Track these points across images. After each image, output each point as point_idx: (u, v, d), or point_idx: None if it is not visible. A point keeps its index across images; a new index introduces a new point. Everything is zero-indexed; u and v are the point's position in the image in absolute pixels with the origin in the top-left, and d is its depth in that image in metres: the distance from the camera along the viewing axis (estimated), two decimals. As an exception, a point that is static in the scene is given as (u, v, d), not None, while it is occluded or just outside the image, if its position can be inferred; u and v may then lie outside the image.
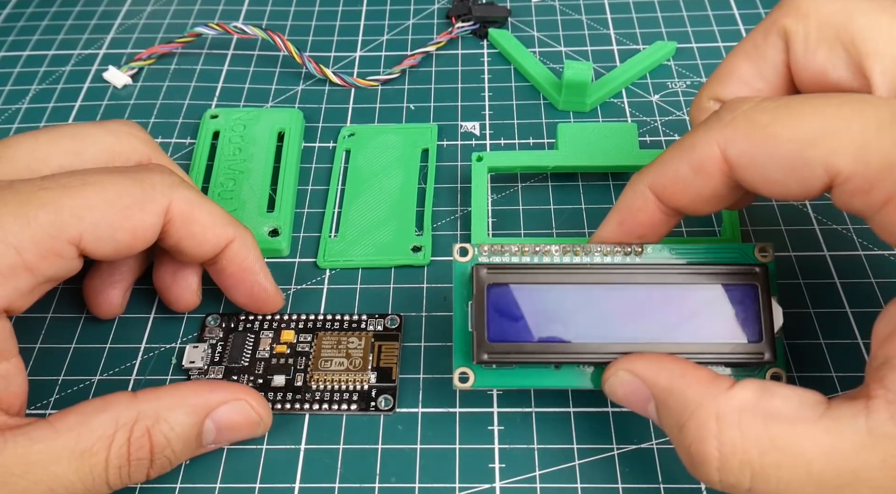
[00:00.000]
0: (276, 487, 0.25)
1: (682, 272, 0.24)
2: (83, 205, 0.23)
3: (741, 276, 0.24)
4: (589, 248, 0.25)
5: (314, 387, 0.27)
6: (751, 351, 0.23)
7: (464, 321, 0.25)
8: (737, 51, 0.25)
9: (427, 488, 0.25)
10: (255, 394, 0.25)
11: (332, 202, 0.33)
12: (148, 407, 0.22)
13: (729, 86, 0.25)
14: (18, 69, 0.41)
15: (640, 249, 0.25)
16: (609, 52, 0.40)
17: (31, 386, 0.28)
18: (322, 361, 0.27)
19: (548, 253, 0.25)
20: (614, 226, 0.25)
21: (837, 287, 0.30)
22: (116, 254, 0.24)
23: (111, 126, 0.27)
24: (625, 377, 0.22)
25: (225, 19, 0.44)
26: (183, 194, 0.25)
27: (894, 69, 0.21)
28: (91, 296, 0.29)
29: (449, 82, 0.39)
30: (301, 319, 0.29)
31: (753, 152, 0.20)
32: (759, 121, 0.20)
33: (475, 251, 0.25)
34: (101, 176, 0.24)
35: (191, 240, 0.26)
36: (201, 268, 0.29)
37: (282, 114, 0.36)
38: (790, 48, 0.23)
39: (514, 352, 0.24)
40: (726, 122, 0.21)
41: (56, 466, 0.21)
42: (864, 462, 0.18)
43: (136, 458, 0.22)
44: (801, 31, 0.22)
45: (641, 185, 0.23)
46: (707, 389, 0.20)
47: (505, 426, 0.26)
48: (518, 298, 0.24)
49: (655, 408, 0.22)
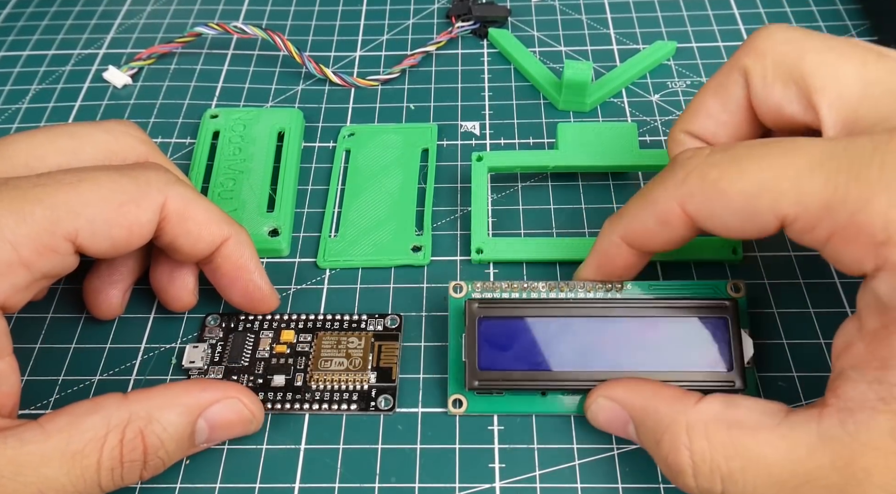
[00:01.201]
0: (276, 487, 0.25)
1: (659, 306, 0.26)
2: (79, 201, 0.23)
3: (713, 310, 0.26)
4: (573, 285, 0.28)
5: (314, 387, 0.27)
6: (722, 379, 0.25)
7: (458, 351, 0.27)
8: (705, 88, 0.27)
9: (427, 488, 0.25)
10: (246, 392, 0.25)
11: (331, 202, 0.33)
12: (139, 408, 0.22)
13: (698, 120, 0.26)
14: (18, 69, 0.41)
15: (620, 285, 0.27)
16: (609, 52, 0.40)
17: (31, 385, 0.28)
18: (322, 361, 0.27)
19: (535, 290, 0.28)
20: (594, 269, 0.27)
21: (811, 316, 0.30)
22: (113, 251, 0.24)
23: (109, 125, 0.27)
24: (604, 403, 0.24)
25: (225, 19, 0.44)
26: (178, 191, 0.25)
27: (838, 103, 0.22)
28: (91, 297, 0.29)
29: (449, 82, 0.39)
30: (301, 319, 0.29)
31: (709, 206, 0.22)
32: (710, 176, 0.22)
33: (468, 288, 0.28)
34: (97, 173, 0.24)
35: (186, 237, 0.26)
36: (198, 268, 0.29)
37: (282, 113, 0.36)
38: (750, 85, 0.25)
39: (502, 380, 0.26)
40: (681, 180, 0.23)
41: (46, 468, 0.21)
42: (817, 464, 0.19)
43: (129, 460, 0.22)
44: (759, 69, 0.24)
45: (614, 236, 0.26)
46: (677, 405, 0.22)
47: (505, 426, 0.26)
48: (507, 330, 0.26)
49: (634, 429, 0.24)
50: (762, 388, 0.27)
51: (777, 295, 0.29)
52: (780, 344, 0.28)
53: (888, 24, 0.39)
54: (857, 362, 0.20)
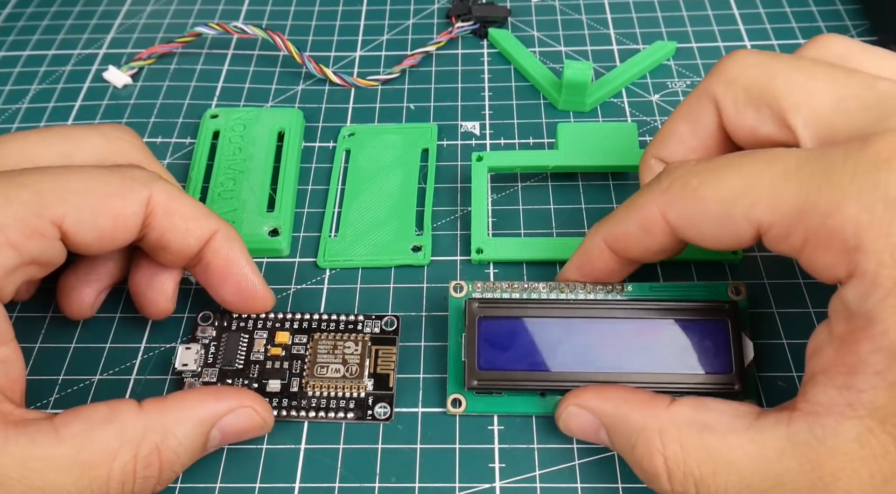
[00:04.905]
0: (276, 487, 0.25)
1: (658, 308, 0.26)
2: (65, 188, 0.23)
3: (713, 312, 0.26)
4: (573, 286, 0.27)
5: (310, 394, 0.27)
6: (722, 382, 0.25)
7: (458, 351, 0.27)
8: (675, 114, 0.27)
9: (427, 488, 0.25)
10: (258, 399, 0.25)
11: (332, 202, 0.33)
12: (154, 422, 0.22)
13: (669, 146, 0.27)
14: (18, 69, 0.41)
15: (621, 287, 0.27)
16: (609, 52, 0.40)
17: (32, 385, 0.28)
18: (318, 367, 0.27)
19: (535, 290, 0.27)
20: (575, 270, 0.28)
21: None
22: (98, 243, 0.24)
23: (104, 129, 0.27)
24: (574, 411, 0.24)
25: (225, 19, 0.44)
26: (163, 186, 0.25)
27: (813, 119, 0.22)
28: (63, 294, 0.28)
29: (449, 82, 0.39)
30: (296, 319, 0.28)
31: (688, 214, 0.23)
32: (690, 184, 0.23)
33: (469, 288, 0.28)
34: (83, 167, 0.24)
35: (174, 232, 0.25)
36: (179, 275, 0.28)
37: (282, 113, 0.36)
38: (722, 112, 0.25)
39: (501, 380, 0.26)
40: (664, 188, 0.23)
41: (55, 475, 0.20)
42: (786, 467, 0.20)
43: (144, 476, 0.22)
44: (729, 96, 0.25)
45: (597, 238, 0.26)
46: (649, 409, 0.23)
47: (505, 426, 0.26)
48: (507, 330, 0.26)
49: (607, 435, 0.24)
50: (762, 388, 0.27)
51: (777, 295, 0.29)
52: (780, 344, 0.28)
53: (888, 24, 0.39)
54: (826, 367, 0.20)
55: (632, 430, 0.22)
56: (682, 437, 0.21)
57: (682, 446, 0.21)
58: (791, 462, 0.20)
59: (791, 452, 0.20)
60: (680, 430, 0.22)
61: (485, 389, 0.26)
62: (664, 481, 0.21)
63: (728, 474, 0.20)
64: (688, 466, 0.21)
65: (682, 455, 0.21)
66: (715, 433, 0.21)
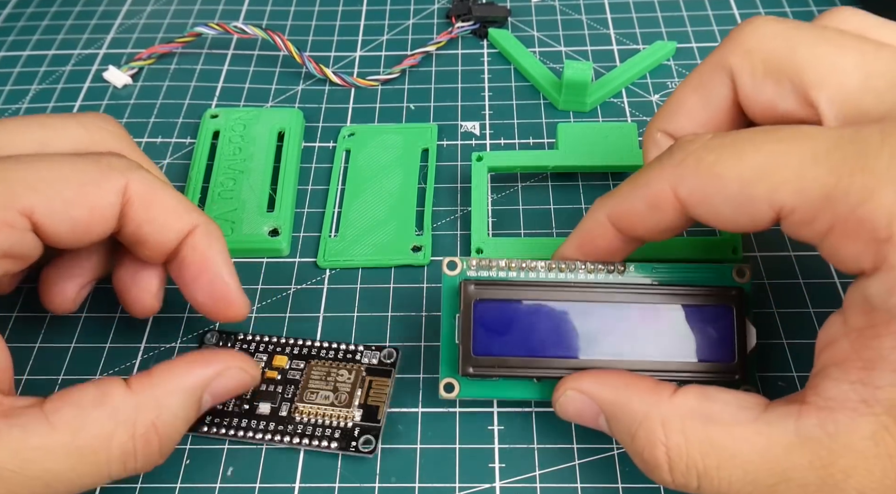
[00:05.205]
0: (276, 487, 0.25)
1: (661, 292, 0.25)
2: (36, 177, 0.22)
3: (717, 297, 0.25)
4: (573, 265, 0.26)
5: (297, 419, 0.26)
6: (724, 370, 0.24)
7: (451, 333, 0.26)
8: (684, 85, 0.25)
9: (427, 488, 0.25)
10: (244, 357, 0.24)
11: (332, 202, 0.33)
12: (146, 399, 0.22)
13: (677, 119, 0.25)
14: (18, 69, 0.41)
15: (623, 267, 0.26)
16: (609, 52, 0.40)
17: (31, 385, 0.28)
18: (308, 393, 0.26)
19: (534, 270, 0.26)
20: (574, 249, 0.26)
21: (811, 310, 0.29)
22: (73, 236, 0.23)
23: (83, 118, 0.26)
24: (573, 395, 0.23)
25: (225, 19, 0.44)
26: (142, 176, 0.24)
27: (840, 97, 0.21)
28: (44, 287, 0.27)
29: (449, 82, 0.39)
30: (297, 344, 0.28)
31: (702, 191, 0.21)
32: (706, 160, 0.21)
33: (463, 265, 0.26)
34: (56, 156, 0.23)
35: (151, 225, 0.24)
36: (164, 272, 0.27)
37: (282, 113, 0.36)
38: (738, 84, 0.23)
39: (497, 366, 0.25)
40: (677, 161, 0.22)
41: (52, 463, 0.20)
42: (794, 463, 0.19)
43: (144, 453, 0.22)
44: (747, 67, 0.23)
45: (600, 214, 0.24)
46: (651, 397, 0.22)
47: (505, 426, 0.26)
48: (503, 314, 0.25)
49: (606, 421, 0.23)
50: (762, 388, 0.27)
51: (777, 295, 0.29)
52: (780, 344, 0.28)
53: (888, 25, 0.39)
54: (840, 360, 0.19)
55: (633, 419, 0.22)
56: (685, 428, 0.21)
57: (686, 437, 0.20)
58: (800, 458, 0.19)
59: (800, 447, 0.19)
60: (684, 421, 0.21)
61: (480, 376, 0.25)
62: (665, 472, 0.21)
63: (733, 467, 0.20)
64: (691, 458, 0.20)
65: (686, 446, 0.20)
66: (720, 424, 0.20)
